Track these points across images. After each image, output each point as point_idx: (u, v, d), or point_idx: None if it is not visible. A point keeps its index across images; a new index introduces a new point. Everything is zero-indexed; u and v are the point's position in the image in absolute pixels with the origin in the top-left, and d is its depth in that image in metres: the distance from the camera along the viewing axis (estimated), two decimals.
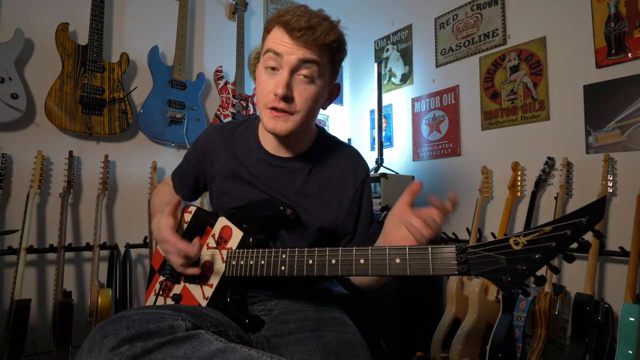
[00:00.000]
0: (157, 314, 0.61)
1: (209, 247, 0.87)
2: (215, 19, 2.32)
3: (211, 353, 0.56)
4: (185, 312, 0.67)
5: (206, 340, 0.59)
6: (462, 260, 0.57)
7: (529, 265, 0.53)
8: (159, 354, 0.55)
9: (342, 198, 0.90)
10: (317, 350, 0.73)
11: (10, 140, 1.63)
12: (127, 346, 0.55)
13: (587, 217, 0.52)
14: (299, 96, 0.78)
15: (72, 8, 1.81)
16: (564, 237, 0.52)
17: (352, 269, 0.66)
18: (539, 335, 1.53)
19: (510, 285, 0.54)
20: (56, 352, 1.38)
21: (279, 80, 0.76)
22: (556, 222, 0.53)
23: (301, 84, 0.78)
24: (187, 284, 0.88)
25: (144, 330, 0.57)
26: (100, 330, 0.58)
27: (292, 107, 0.79)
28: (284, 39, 0.75)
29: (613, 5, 1.66)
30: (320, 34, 0.75)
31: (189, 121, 2.02)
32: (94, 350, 0.55)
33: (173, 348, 0.56)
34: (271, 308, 0.87)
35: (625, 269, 1.44)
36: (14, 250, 1.51)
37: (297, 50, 0.75)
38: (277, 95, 0.76)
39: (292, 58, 0.75)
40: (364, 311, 1.88)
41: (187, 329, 0.60)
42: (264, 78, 0.79)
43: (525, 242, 0.54)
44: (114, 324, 0.58)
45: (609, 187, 1.60)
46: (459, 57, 2.25)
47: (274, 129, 0.80)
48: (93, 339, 0.57)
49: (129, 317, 0.59)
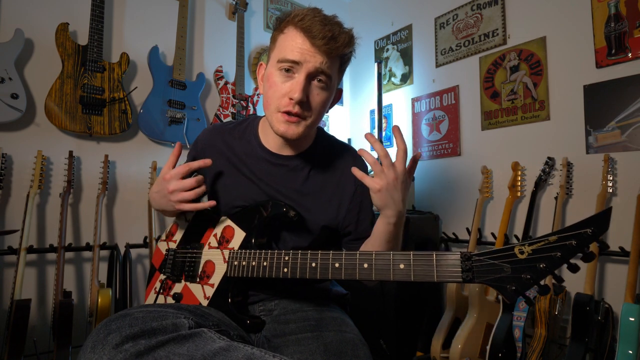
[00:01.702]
0: (160, 312, 0.62)
1: (210, 247, 0.87)
2: (215, 19, 2.32)
3: (214, 351, 0.56)
4: (187, 311, 0.67)
5: (209, 339, 0.59)
6: (467, 267, 0.58)
7: (534, 274, 0.54)
8: (162, 352, 0.55)
9: (342, 196, 0.91)
10: (318, 350, 0.73)
11: (10, 140, 1.63)
12: (130, 343, 0.55)
13: (593, 228, 0.52)
14: (313, 101, 0.80)
15: (72, 8, 1.81)
16: (569, 247, 0.53)
17: (356, 273, 0.66)
18: (539, 335, 1.53)
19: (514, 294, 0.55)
20: (56, 352, 1.38)
21: (295, 84, 0.77)
22: (561, 232, 0.53)
23: (315, 89, 0.79)
24: (188, 283, 0.87)
25: (147, 327, 0.57)
26: (103, 328, 0.58)
27: (306, 111, 0.80)
28: (304, 45, 0.76)
29: (613, 5, 1.66)
30: (341, 44, 0.77)
31: (189, 121, 2.02)
32: (97, 347, 0.56)
33: (176, 346, 0.56)
34: (272, 308, 0.87)
35: (625, 269, 1.45)
36: (14, 250, 1.51)
37: (316, 57, 0.76)
38: (294, 99, 0.77)
39: (311, 65, 0.76)
40: (364, 311, 1.88)
41: (190, 327, 0.60)
42: (277, 80, 0.79)
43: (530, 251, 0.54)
44: (118, 321, 0.58)
45: (609, 187, 1.60)
46: (459, 57, 2.25)
47: (285, 133, 0.80)
48: (97, 336, 0.57)
49: (132, 315, 0.60)
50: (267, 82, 0.83)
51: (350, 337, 0.78)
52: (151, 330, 0.57)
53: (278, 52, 0.80)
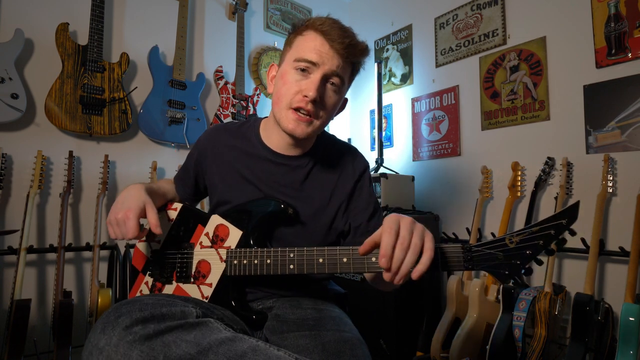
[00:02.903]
0: (169, 300, 0.63)
1: (203, 246, 0.86)
2: (215, 19, 2.33)
3: (220, 340, 0.58)
4: (194, 302, 0.68)
5: (215, 329, 0.60)
6: (468, 257, 0.67)
7: (522, 260, 0.65)
8: (170, 337, 0.57)
9: (343, 194, 0.92)
10: (316, 350, 0.73)
11: (10, 140, 1.64)
12: (140, 326, 0.56)
13: (567, 219, 0.64)
14: (326, 102, 0.82)
15: (72, 8, 1.81)
16: (549, 236, 0.64)
17: (365, 267, 0.69)
18: (539, 335, 1.53)
19: (507, 277, 0.65)
20: (56, 352, 1.38)
21: (311, 83, 0.79)
22: (542, 224, 0.65)
23: (329, 91, 0.82)
24: (181, 284, 0.85)
25: (157, 312, 0.59)
26: (114, 311, 0.59)
27: (318, 111, 0.82)
28: (323, 48, 0.79)
29: (613, 5, 1.66)
30: (358, 51, 0.82)
31: (189, 121, 2.02)
32: (107, 328, 0.57)
33: (184, 332, 0.58)
34: (270, 306, 0.87)
35: (625, 269, 1.44)
36: (14, 250, 1.51)
37: (333, 60, 0.79)
38: (308, 97, 0.79)
39: (327, 67, 0.79)
40: (364, 311, 1.88)
41: (197, 316, 0.62)
42: (292, 79, 0.81)
43: (517, 240, 0.65)
44: (128, 305, 0.60)
45: (609, 187, 1.60)
46: (459, 57, 2.25)
47: (294, 131, 0.82)
48: (107, 318, 0.58)
49: (142, 301, 0.61)
50: (280, 79, 0.84)
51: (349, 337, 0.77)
52: (160, 316, 0.59)
53: (296, 52, 0.82)
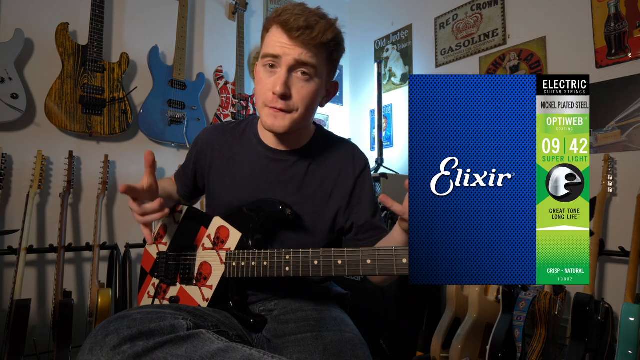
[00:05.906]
0: (159, 313, 0.62)
1: (205, 248, 0.86)
2: (215, 19, 2.32)
3: (212, 352, 0.56)
4: (186, 312, 0.67)
5: (207, 340, 0.59)
6: None
7: None
8: (161, 353, 0.55)
9: (342, 191, 0.91)
10: (318, 350, 0.73)
11: (10, 140, 1.63)
12: (128, 345, 0.55)
13: None
14: (297, 94, 0.79)
15: (72, 8, 1.81)
16: None
17: (359, 269, 0.68)
18: (539, 335, 1.53)
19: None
20: (56, 352, 1.38)
21: (277, 79, 0.77)
22: None
23: (299, 82, 0.79)
24: (184, 285, 0.86)
25: (146, 329, 0.57)
26: (101, 329, 0.58)
27: (290, 105, 0.79)
28: (282, 39, 0.76)
29: (613, 5, 1.66)
30: (318, 33, 0.75)
31: (189, 121, 2.02)
32: (95, 349, 0.55)
33: (174, 347, 0.56)
34: (271, 308, 0.87)
35: (625, 269, 1.44)
36: (14, 250, 1.51)
37: (295, 49, 0.76)
38: (276, 93, 0.77)
39: (290, 58, 0.76)
40: (364, 311, 1.88)
41: (188, 328, 0.60)
42: (263, 76, 0.80)
43: None
44: (116, 323, 0.58)
45: (609, 187, 1.60)
46: (459, 57, 2.25)
47: (272, 127, 0.80)
48: (95, 337, 0.57)
49: (131, 317, 0.59)
50: (256, 79, 0.84)
51: (350, 337, 0.77)
52: (149, 332, 0.57)
53: (263, 49, 0.81)
